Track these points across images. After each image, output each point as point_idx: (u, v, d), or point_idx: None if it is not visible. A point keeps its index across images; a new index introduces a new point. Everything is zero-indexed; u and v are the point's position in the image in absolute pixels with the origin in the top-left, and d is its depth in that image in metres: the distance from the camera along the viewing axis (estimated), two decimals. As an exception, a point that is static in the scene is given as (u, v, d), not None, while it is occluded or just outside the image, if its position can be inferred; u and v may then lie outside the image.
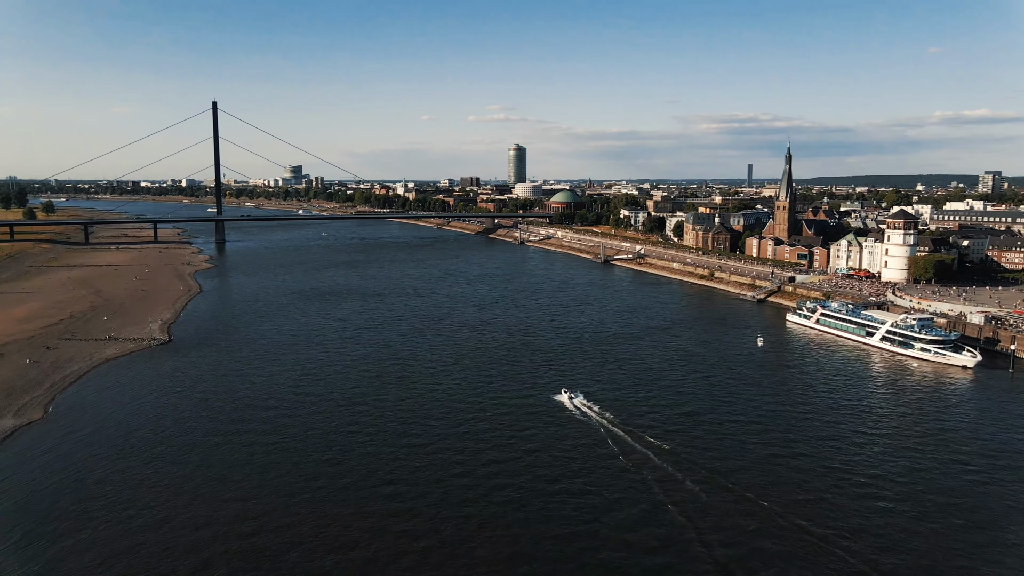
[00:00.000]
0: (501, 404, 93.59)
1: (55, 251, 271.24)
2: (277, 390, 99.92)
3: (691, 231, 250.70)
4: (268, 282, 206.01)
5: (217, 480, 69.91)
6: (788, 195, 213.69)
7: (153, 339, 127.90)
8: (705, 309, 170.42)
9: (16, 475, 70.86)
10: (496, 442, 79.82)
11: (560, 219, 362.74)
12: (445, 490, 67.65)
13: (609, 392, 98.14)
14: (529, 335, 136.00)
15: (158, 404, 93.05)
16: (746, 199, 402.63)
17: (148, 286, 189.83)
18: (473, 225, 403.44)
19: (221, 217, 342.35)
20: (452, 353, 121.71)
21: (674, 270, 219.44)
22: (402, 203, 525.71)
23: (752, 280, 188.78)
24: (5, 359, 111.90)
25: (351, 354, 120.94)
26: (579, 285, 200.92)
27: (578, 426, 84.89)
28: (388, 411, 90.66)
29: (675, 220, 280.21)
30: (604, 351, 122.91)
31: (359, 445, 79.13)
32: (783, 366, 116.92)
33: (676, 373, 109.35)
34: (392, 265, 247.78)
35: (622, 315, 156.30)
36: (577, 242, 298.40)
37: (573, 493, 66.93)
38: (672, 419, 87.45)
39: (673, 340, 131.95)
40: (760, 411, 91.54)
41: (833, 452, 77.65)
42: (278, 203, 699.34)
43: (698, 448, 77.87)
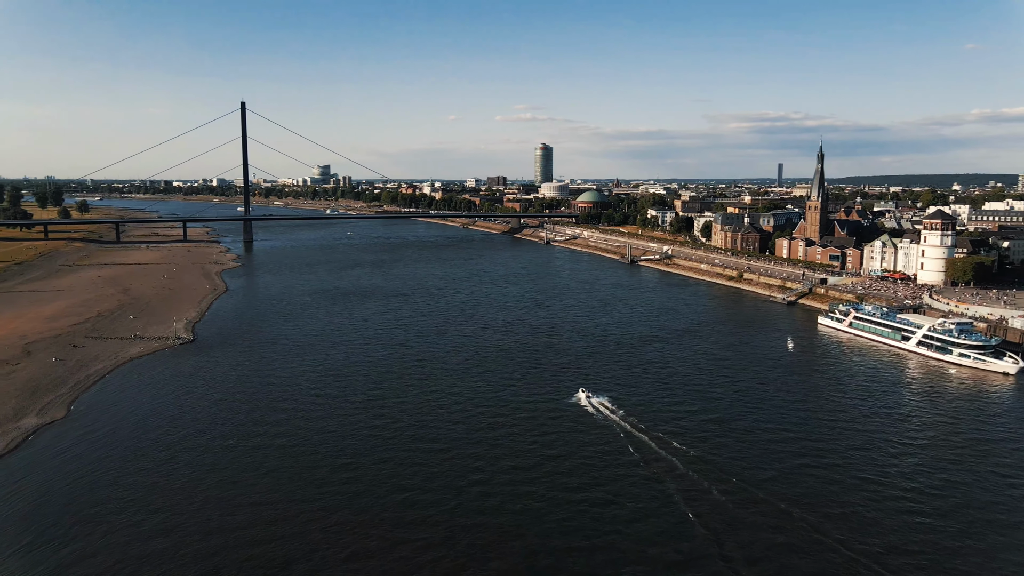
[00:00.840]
0: (522, 407, 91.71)
1: (87, 250, 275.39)
2: (296, 391, 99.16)
3: (719, 231, 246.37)
4: (293, 281, 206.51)
5: (230, 484, 68.91)
6: (820, 195, 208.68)
7: (177, 338, 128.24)
8: (733, 311, 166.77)
9: (32, 475, 70.63)
10: (516, 447, 77.97)
11: (586, 219, 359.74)
12: (463, 497, 65.90)
13: (634, 396, 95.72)
14: (553, 337, 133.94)
15: (177, 404, 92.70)
16: (776, 199, 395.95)
17: (175, 285, 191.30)
18: (499, 225, 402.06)
19: (249, 216, 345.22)
20: (474, 354, 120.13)
21: (702, 271, 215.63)
22: (428, 203, 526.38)
23: (782, 282, 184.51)
24: (32, 357, 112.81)
25: (372, 355, 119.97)
26: (605, 286, 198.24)
27: (601, 431, 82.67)
28: (407, 413, 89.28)
29: (703, 220, 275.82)
30: (629, 354, 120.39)
31: (376, 449, 77.80)
32: (814, 371, 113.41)
33: (703, 377, 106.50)
34: (417, 265, 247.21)
35: (648, 317, 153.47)
36: (603, 242, 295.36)
37: (595, 503, 64.76)
38: (698, 425, 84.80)
39: (700, 343, 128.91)
40: (790, 418, 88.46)
41: (867, 463, 74.45)
42: (306, 202, 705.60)
43: (725, 456, 75.17)
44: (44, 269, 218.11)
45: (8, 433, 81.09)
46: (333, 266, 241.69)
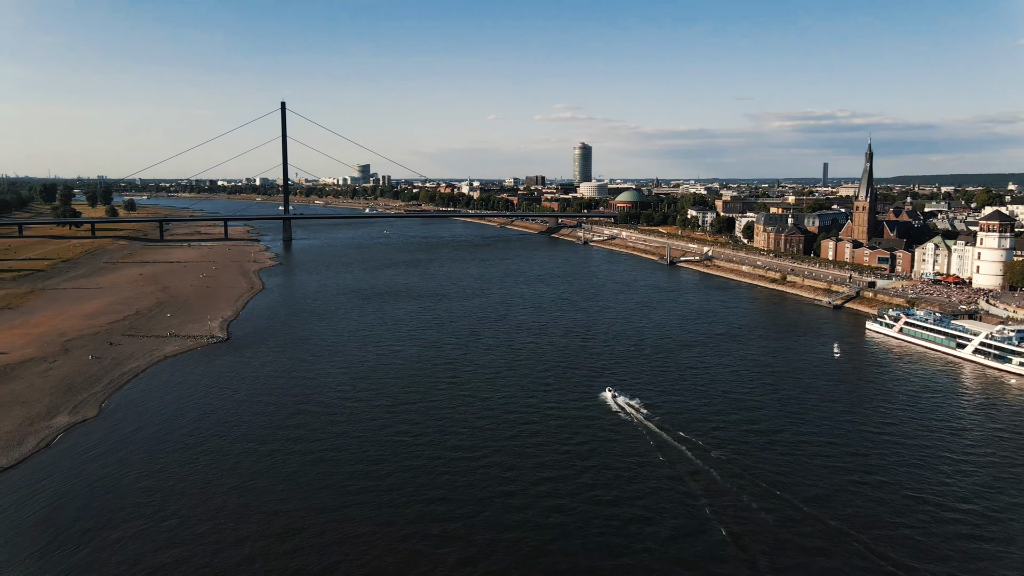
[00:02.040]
0: (554, 413, 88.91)
1: (131, 247, 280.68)
2: (324, 392, 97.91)
3: (762, 232, 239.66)
4: (329, 280, 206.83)
5: (248, 489, 67.15)
6: (868, 194, 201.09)
7: (212, 337, 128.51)
8: (776, 315, 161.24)
9: (55, 476, 70.20)
10: (547, 456, 75.05)
11: (625, 219, 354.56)
12: (489, 510, 63.19)
13: (670, 403, 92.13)
14: (587, 339, 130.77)
15: (204, 405, 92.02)
16: (821, 199, 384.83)
17: (213, 283, 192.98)
18: (536, 224, 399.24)
19: (288, 215, 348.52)
20: (506, 357, 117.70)
21: (743, 273, 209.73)
22: (466, 202, 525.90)
23: (828, 285, 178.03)
24: (70, 355, 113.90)
25: (403, 355, 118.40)
26: (642, 287, 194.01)
27: (636, 441, 79.29)
28: (435, 418, 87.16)
29: (745, 221, 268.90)
30: (666, 358, 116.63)
31: (401, 455, 75.59)
32: (862, 379, 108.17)
33: (743, 384, 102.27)
34: (452, 264, 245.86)
35: (686, 320, 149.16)
36: (642, 243, 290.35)
37: (628, 519, 61.49)
38: (738, 435, 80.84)
39: (740, 348, 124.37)
40: (836, 430, 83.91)
41: (920, 481, 69.75)
42: (346, 201, 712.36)
43: (767, 469, 71.20)
44: (88, 266, 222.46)
45: (40, 432, 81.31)
46: (369, 265, 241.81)
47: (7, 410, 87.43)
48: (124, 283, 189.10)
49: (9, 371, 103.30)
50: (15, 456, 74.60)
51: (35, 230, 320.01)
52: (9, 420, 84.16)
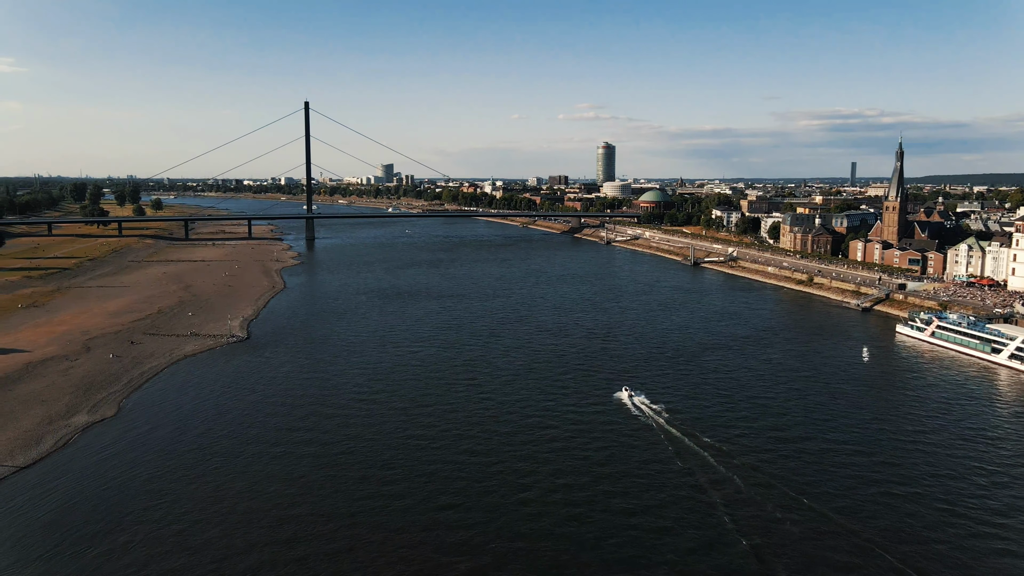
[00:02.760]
0: (574, 417, 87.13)
1: (156, 246, 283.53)
2: (341, 393, 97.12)
3: (788, 233, 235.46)
4: (350, 280, 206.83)
5: (259, 494, 65.96)
6: (899, 194, 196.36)
7: (231, 336, 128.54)
8: (802, 317, 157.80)
9: (67, 476, 69.92)
10: (567, 462, 73.15)
11: (648, 219, 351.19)
12: (509, 518, 61.42)
13: (693, 407, 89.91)
14: (609, 341, 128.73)
15: (220, 405, 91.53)
16: (849, 199, 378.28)
17: (235, 282, 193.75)
18: (559, 224, 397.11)
19: (311, 214, 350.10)
20: (526, 358, 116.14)
21: (769, 274, 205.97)
22: (488, 201, 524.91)
23: (856, 287, 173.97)
24: (91, 353, 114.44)
25: (422, 356, 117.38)
26: (665, 288, 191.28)
27: (658, 447, 77.21)
28: (453, 421, 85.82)
29: (771, 221, 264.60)
30: (688, 361, 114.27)
31: (416, 460, 74.17)
32: (892, 385, 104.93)
33: (768, 389, 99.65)
34: (474, 264, 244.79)
35: (710, 321, 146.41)
36: (665, 243, 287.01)
37: (652, 530, 59.46)
38: (763, 441, 78.43)
39: (765, 351, 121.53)
40: (865, 437, 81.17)
41: (954, 493, 66.90)
42: (369, 201, 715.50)
43: (793, 477, 68.78)
44: (114, 265, 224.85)
45: (58, 431, 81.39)
46: (390, 265, 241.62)
47: (27, 408, 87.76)
48: (148, 282, 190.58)
49: (31, 369, 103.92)
50: (32, 455, 74.62)
51: (64, 229, 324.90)
52: (29, 418, 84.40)
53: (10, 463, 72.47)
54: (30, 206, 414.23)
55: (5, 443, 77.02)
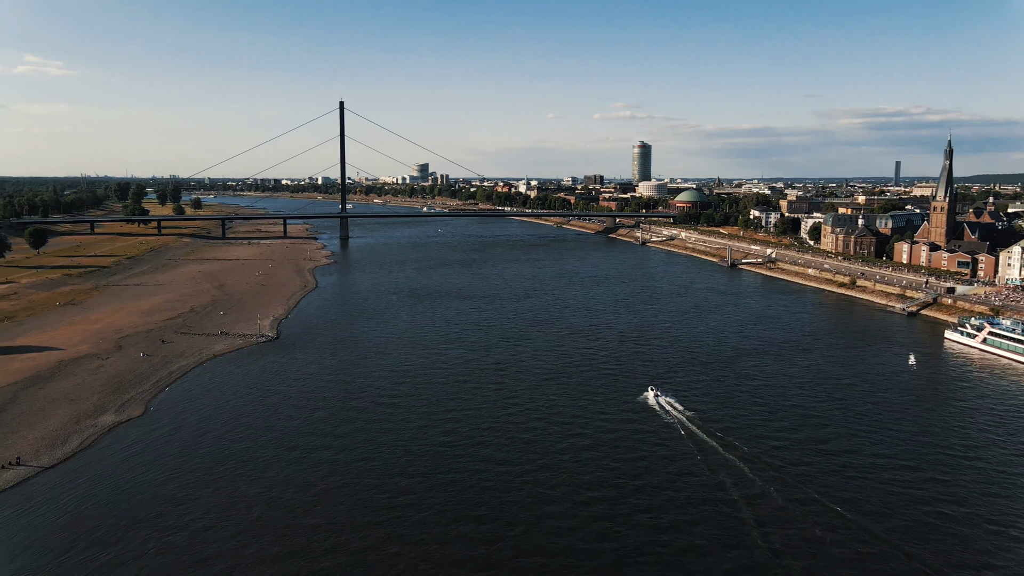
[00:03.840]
0: (605, 424, 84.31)
1: (194, 245, 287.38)
2: (368, 395, 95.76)
3: (830, 234, 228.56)
4: (381, 279, 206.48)
5: (274, 502, 64.13)
6: (948, 194, 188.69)
7: (261, 336, 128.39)
8: (844, 321, 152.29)
9: (84, 478, 69.41)
10: (596, 473, 70.13)
11: (684, 219, 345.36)
12: (532, 533, 58.70)
13: (728, 415, 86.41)
14: (641, 344, 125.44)
15: (246, 408, 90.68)
16: (893, 199, 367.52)
17: (268, 281, 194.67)
18: (593, 224, 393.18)
19: (345, 214, 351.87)
20: (557, 361, 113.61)
21: (809, 276, 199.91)
22: (523, 201, 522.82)
23: (902, 290, 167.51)
24: (123, 352, 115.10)
25: (451, 358, 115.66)
26: (700, 290, 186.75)
27: (692, 458, 73.96)
28: (479, 426, 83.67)
29: (811, 222, 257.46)
30: (724, 365, 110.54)
31: (439, 467, 72.03)
32: (941, 395, 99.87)
33: (807, 396, 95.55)
34: (506, 265, 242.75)
35: (746, 325, 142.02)
36: (702, 244, 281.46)
37: (683, 550, 56.33)
38: (806, 456, 74.54)
39: (804, 356, 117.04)
40: (912, 449, 76.91)
41: (1009, 514, 62.40)
42: (404, 200, 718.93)
43: (836, 493, 65.03)
44: (152, 263, 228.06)
45: (85, 430, 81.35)
46: (422, 264, 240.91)
47: (56, 407, 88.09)
48: (183, 280, 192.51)
49: (63, 368, 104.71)
50: (58, 455, 74.51)
51: (106, 227, 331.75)
52: (57, 418, 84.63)
53: (35, 463, 72.42)
54: (75, 205, 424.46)
55: (32, 442, 77.15)
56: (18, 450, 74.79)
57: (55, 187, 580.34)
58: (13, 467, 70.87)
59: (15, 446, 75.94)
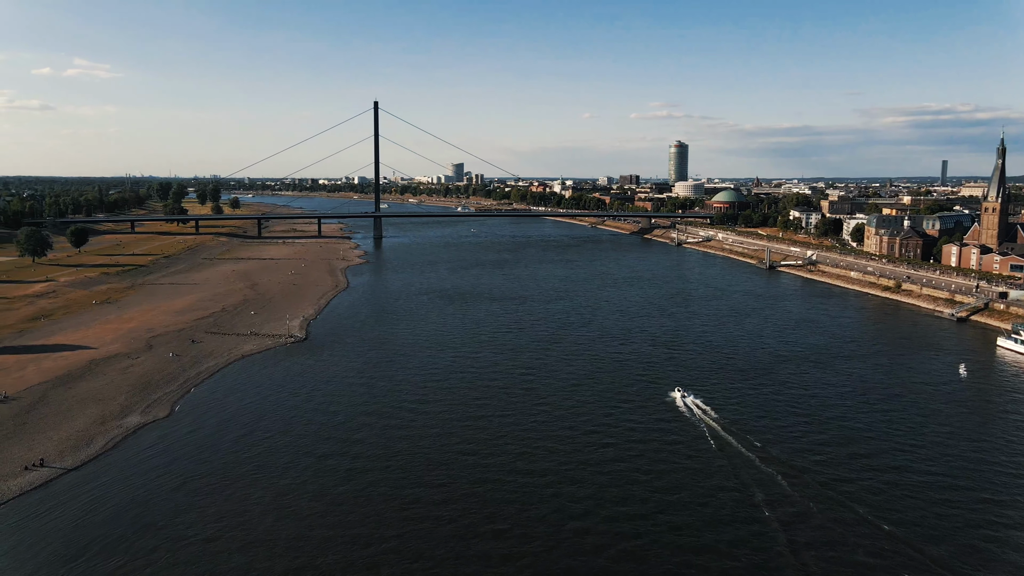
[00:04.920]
0: (637, 433, 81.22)
1: (230, 244, 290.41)
2: (393, 398, 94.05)
3: (873, 235, 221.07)
4: (413, 279, 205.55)
5: (289, 514, 61.85)
6: (1000, 194, 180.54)
7: (290, 336, 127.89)
8: (888, 327, 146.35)
9: (98, 481, 68.61)
10: (628, 488, 66.70)
11: (722, 220, 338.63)
12: (558, 551, 55.79)
13: (767, 427, 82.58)
14: (675, 348, 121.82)
15: (269, 411, 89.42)
16: (940, 199, 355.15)
17: (300, 280, 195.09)
18: (628, 224, 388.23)
19: (378, 213, 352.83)
20: (588, 366, 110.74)
21: (851, 279, 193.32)
22: (557, 201, 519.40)
23: (950, 294, 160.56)
24: (153, 351, 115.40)
25: (480, 361, 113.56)
26: (737, 293, 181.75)
27: (728, 472, 70.43)
28: (507, 434, 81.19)
29: (854, 223, 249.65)
30: (761, 371, 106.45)
31: (462, 477, 69.54)
32: (994, 407, 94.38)
33: (849, 406, 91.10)
34: (538, 265, 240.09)
35: (785, 330, 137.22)
36: (739, 245, 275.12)
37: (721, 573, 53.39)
38: (848, 471, 70.47)
39: (846, 363, 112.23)
40: (965, 468, 72.12)
41: (1075, 539, 58.04)
42: (439, 200, 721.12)
43: (885, 515, 61.11)
44: (188, 262, 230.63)
45: (110, 431, 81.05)
46: (454, 265, 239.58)
47: (83, 407, 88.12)
48: (217, 279, 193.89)
49: (94, 367, 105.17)
50: (81, 457, 74.14)
51: (146, 226, 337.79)
52: (83, 418, 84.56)
53: (59, 464, 72.13)
54: (117, 204, 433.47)
55: (57, 443, 77.00)
56: (43, 451, 74.66)
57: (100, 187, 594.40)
58: (36, 468, 70.63)
59: (40, 447, 75.86)
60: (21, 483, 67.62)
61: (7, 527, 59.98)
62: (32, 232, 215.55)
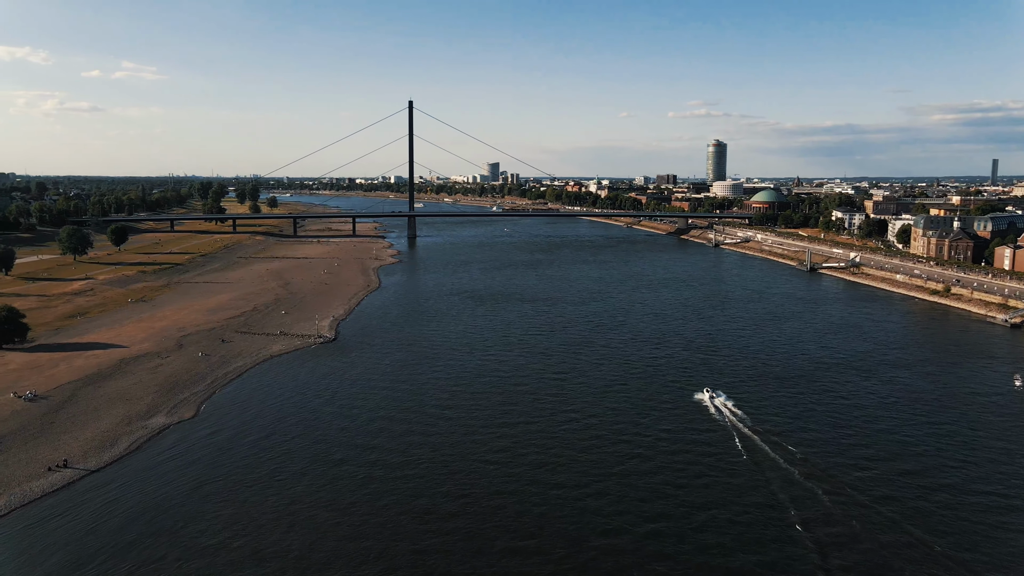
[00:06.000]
0: (671, 443, 78.01)
1: (266, 243, 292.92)
2: (418, 403, 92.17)
3: (921, 237, 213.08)
4: (445, 279, 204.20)
5: (301, 523, 60.06)
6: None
7: (319, 336, 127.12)
8: (936, 333, 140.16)
9: (123, 485, 67.86)
10: (660, 504, 63.49)
11: (761, 220, 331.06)
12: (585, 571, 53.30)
13: (808, 438, 78.67)
14: (711, 353, 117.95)
15: (292, 414, 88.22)
16: (992, 199, 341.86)
17: (332, 280, 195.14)
18: (665, 225, 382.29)
19: (412, 213, 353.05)
20: (619, 371, 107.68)
21: (897, 283, 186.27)
22: (592, 200, 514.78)
23: (1003, 299, 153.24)
24: (183, 351, 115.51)
25: (509, 364, 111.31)
26: (776, 296, 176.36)
27: (767, 489, 67.00)
28: (533, 441, 78.69)
29: (900, 224, 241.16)
30: (800, 379, 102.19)
31: (485, 488, 67.12)
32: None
33: (896, 417, 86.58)
34: (572, 266, 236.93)
35: (825, 334, 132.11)
36: (779, 246, 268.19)
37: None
38: (897, 489, 66.37)
39: (891, 371, 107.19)
40: (1021, 485, 67.63)
41: None
42: (474, 199, 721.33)
43: (936, 537, 57.20)
44: (223, 261, 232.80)
45: (135, 432, 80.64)
46: (487, 265, 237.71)
47: (111, 407, 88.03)
48: (251, 278, 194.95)
49: (123, 366, 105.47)
50: (105, 458, 73.70)
51: (185, 225, 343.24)
52: (109, 418, 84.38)
53: (82, 465, 71.76)
54: (159, 203, 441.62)
55: (82, 443, 76.76)
56: (68, 452, 74.40)
57: (143, 186, 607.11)
58: (60, 470, 70.30)
59: (66, 447, 75.66)
60: (43, 485, 67.28)
61: (21, 530, 59.48)
62: (73, 231, 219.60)
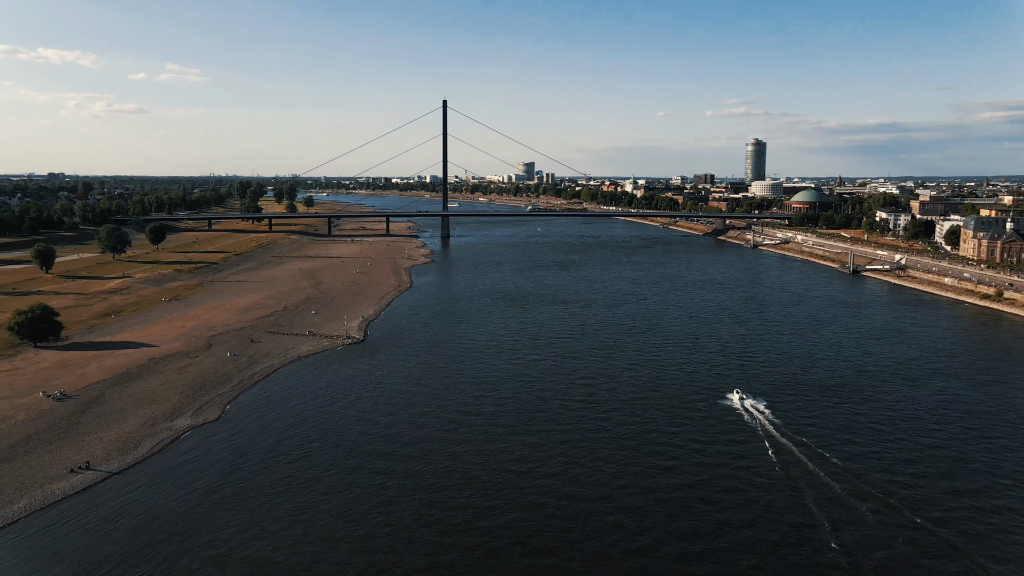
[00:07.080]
0: (705, 455, 74.67)
1: (300, 242, 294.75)
2: (442, 407, 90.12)
3: (971, 238, 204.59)
4: (476, 280, 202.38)
5: (310, 534, 57.94)
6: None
7: (348, 337, 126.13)
8: (988, 339, 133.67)
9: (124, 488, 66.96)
10: (690, 522, 60.23)
11: (801, 221, 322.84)
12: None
13: (851, 451, 74.59)
14: (747, 359, 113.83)
15: (315, 415, 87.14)
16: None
17: (364, 279, 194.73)
18: (702, 225, 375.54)
19: (446, 212, 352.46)
20: (652, 375, 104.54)
21: (945, 286, 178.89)
22: (628, 200, 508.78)
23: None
24: (212, 351, 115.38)
25: (539, 367, 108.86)
26: (816, 299, 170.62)
27: (810, 509, 63.29)
28: (560, 451, 75.99)
29: (948, 225, 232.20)
30: (842, 386, 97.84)
31: (505, 503, 64.34)
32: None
33: (946, 430, 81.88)
34: (606, 267, 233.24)
35: (868, 340, 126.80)
36: (820, 248, 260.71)
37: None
38: (952, 509, 62.19)
39: (940, 380, 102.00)
40: (1086, 509, 62.97)
41: None
42: (509, 199, 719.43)
43: (994, 564, 53.21)
44: (257, 260, 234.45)
45: (159, 433, 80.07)
46: (520, 265, 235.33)
47: (137, 407, 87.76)
48: (283, 277, 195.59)
49: (153, 365, 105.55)
50: (127, 460, 73.08)
51: (223, 224, 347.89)
52: (135, 419, 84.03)
53: (104, 467, 71.22)
54: (199, 203, 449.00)
55: (106, 445, 76.33)
56: (91, 453, 74.02)
57: (185, 185, 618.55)
58: (82, 471, 69.83)
59: (89, 448, 75.32)
60: (65, 487, 66.80)
61: (34, 534, 58.70)
62: (112, 230, 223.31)
